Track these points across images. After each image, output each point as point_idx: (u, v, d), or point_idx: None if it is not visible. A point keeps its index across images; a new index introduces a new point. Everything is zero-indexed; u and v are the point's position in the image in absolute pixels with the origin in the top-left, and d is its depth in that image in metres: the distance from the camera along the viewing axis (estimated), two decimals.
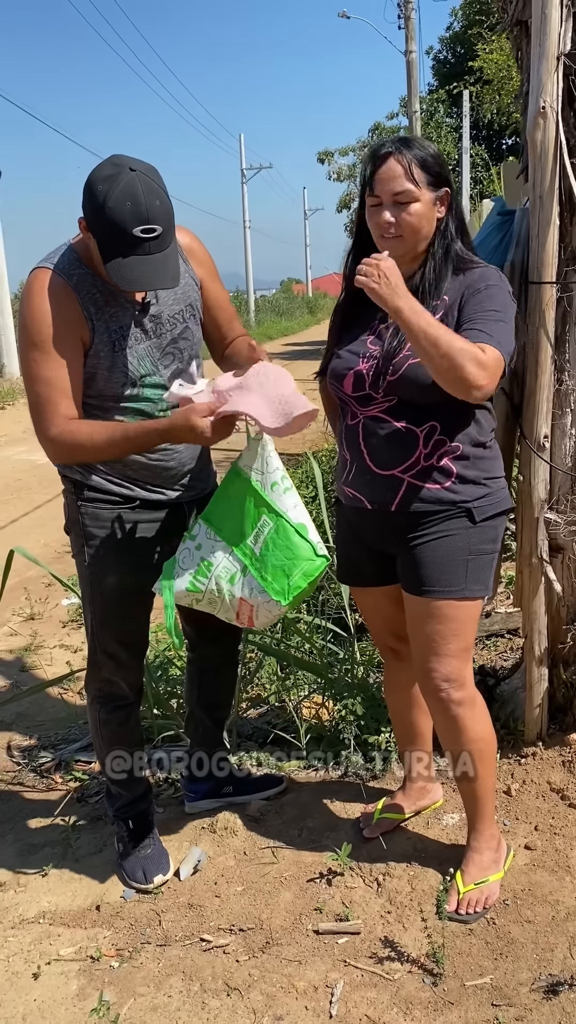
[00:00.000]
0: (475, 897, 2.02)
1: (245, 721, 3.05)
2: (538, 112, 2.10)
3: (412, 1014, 1.78)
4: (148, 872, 2.23)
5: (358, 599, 2.24)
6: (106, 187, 1.77)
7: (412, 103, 12.90)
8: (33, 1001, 1.90)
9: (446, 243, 1.88)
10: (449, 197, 1.86)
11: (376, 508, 1.95)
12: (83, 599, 2.21)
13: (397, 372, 1.85)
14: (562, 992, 1.79)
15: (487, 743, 2.03)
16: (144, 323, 1.99)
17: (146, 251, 1.80)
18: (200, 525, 1.99)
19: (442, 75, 23.09)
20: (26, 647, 4.07)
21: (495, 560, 1.99)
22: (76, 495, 2.10)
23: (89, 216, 1.82)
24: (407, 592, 1.99)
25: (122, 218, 1.77)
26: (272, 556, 1.91)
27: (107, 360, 1.95)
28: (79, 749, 3.01)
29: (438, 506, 1.89)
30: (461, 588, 1.91)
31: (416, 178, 1.81)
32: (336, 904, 2.08)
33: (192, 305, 2.08)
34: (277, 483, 1.93)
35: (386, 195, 1.82)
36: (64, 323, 1.89)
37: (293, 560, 1.89)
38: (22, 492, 7.47)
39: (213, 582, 1.94)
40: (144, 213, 1.78)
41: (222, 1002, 1.85)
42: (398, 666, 2.23)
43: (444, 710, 1.98)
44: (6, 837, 2.51)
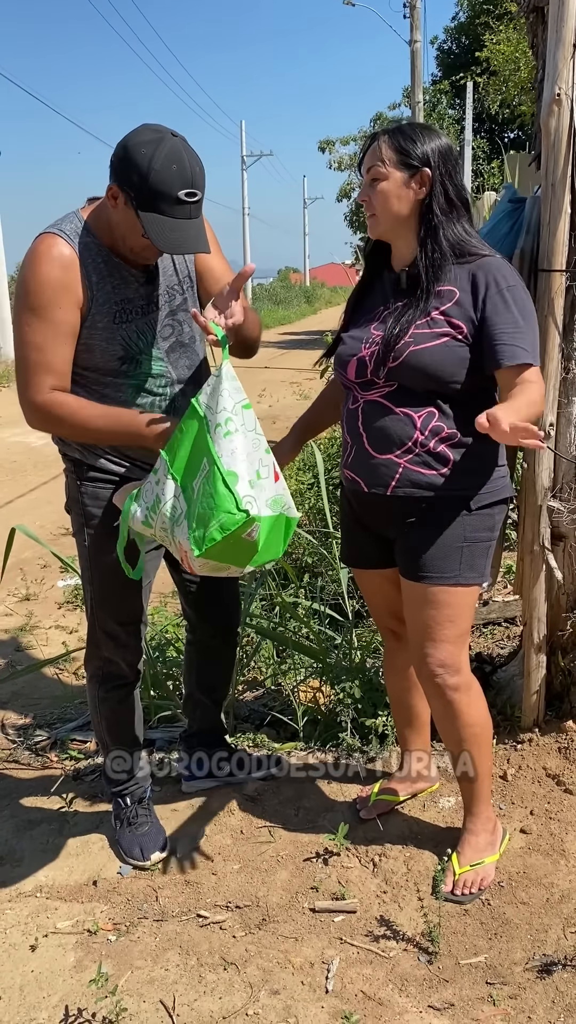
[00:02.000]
0: (470, 878, 2.05)
1: (242, 703, 3.06)
2: (553, 99, 2.10)
3: (407, 990, 1.80)
4: (145, 849, 2.24)
5: (359, 580, 2.25)
6: (150, 150, 1.75)
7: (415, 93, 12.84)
8: (31, 972, 1.91)
9: (431, 224, 1.86)
10: (429, 179, 1.84)
11: (373, 491, 1.96)
12: (82, 578, 2.21)
13: (398, 359, 1.86)
14: (555, 972, 1.81)
15: (482, 728, 2.05)
16: (146, 295, 1.99)
17: (187, 215, 1.79)
18: (162, 459, 1.86)
19: (446, 65, 22.99)
20: (22, 627, 4.07)
21: (491, 548, 2.00)
22: (77, 474, 2.10)
23: (131, 178, 1.77)
24: (403, 577, 2.00)
25: (169, 180, 1.76)
26: (199, 502, 1.75)
27: (106, 332, 1.94)
28: (75, 728, 3.02)
29: (433, 492, 1.90)
30: (455, 575, 1.93)
31: (384, 157, 1.85)
32: (332, 883, 2.10)
33: (189, 276, 2.08)
34: (220, 425, 1.76)
35: (364, 174, 1.90)
36: (64, 290, 1.87)
37: (213, 509, 1.71)
38: (17, 474, 7.46)
39: (162, 517, 1.83)
40: (188, 177, 1.78)
41: (219, 976, 1.87)
42: (398, 647, 2.24)
43: (439, 695, 2.00)
44: (2, 813, 2.52)
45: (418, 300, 1.86)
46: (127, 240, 1.88)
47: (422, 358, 1.83)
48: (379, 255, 2.01)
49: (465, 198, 1.91)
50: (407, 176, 1.85)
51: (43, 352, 1.88)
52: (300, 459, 5.74)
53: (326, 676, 2.86)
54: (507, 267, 1.87)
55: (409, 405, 1.88)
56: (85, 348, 1.94)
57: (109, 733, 2.30)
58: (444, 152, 1.87)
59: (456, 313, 1.83)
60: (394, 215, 1.88)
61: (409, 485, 1.91)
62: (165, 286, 2.02)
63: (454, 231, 1.87)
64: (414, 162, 1.84)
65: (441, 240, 1.86)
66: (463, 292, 1.84)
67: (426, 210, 1.87)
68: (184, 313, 2.05)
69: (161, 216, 1.77)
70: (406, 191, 1.85)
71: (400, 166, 1.84)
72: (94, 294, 1.90)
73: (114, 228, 1.89)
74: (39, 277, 1.86)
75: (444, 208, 1.86)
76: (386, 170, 1.85)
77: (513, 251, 2.29)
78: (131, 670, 2.27)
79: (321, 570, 3.85)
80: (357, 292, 2.06)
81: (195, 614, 2.39)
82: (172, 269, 2.03)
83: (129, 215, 1.81)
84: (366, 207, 1.91)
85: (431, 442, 1.88)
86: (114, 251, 1.92)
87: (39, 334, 1.87)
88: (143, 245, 1.86)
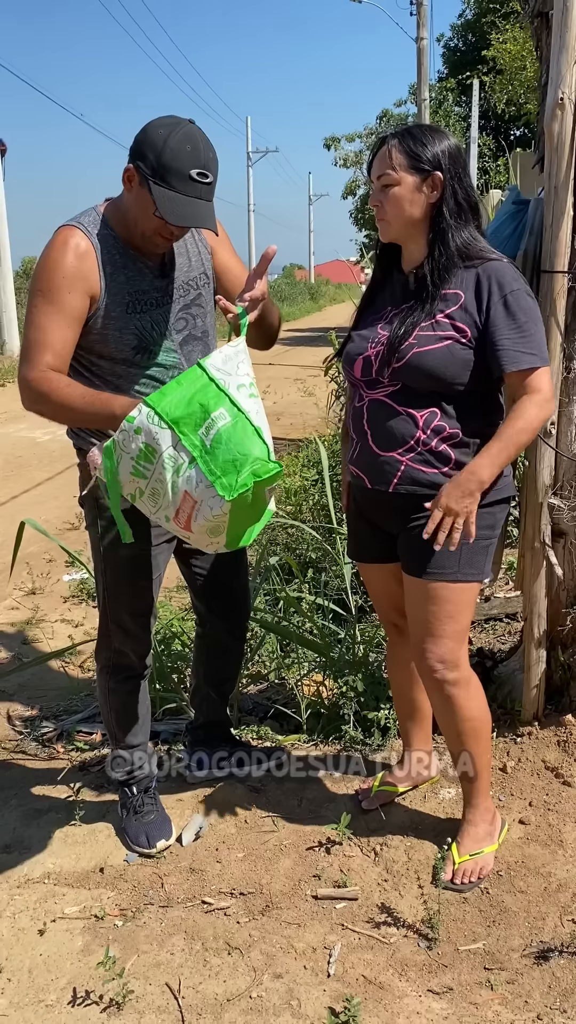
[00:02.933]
0: (470, 868, 2.09)
1: (246, 697, 3.10)
2: (556, 103, 2.13)
3: (407, 975, 1.84)
4: (151, 837, 2.29)
5: (364, 574, 2.29)
6: (167, 131, 1.83)
7: (421, 91, 12.86)
8: (39, 955, 1.96)
9: (440, 228, 1.89)
10: (440, 183, 1.87)
11: (376, 488, 2.00)
12: (95, 570, 2.25)
13: (402, 359, 1.89)
14: (552, 958, 1.85)
15: (481, 722, 2.08)
16: (160, 287, 2.03)
17: (197, 194, 1.85)
18: (142, 409, 1.80)
19: (452, 63, 22.95)
20: (28, 621, 4.12)
21: (492, 546, 2.02)
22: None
23: (146, 155, 1.84)
24: (405, 572, 2.04)
25: (181, 158, 1.82)
26: (224, 450, 1.76)
27: (119, 321, 1.99)
28: (81, 720, 3.06)
29: (434, 491, 1.92)
30: (454, 572, 1.96)
31: (395, 162, 1.87)
32: (334, 871, 2.14)
33: (206, 273, 2.12)
34: (244, 386, 1.81)
35: (374, 180, 1.92)
36: (76, 277, 1.92)
37: (246, 456, 1.74)
38: (22, 469, 7.50)
39: (159, 468, 1.80)
40: (201, 159, 1.84)
41: (223, 960, 1.91)
42: (401, 642, 2.28)
43: (438, 690, 2.04)
44: (10, 803, 2.56)
45: (423, 302, 1.90)
46: (140, 223, 1.93)
47: (424, 360, 1.87)
48: (390, 255, 2.04)
49: (474, 201, 1.93)
50: (419, 180, 1.87)
51: (46, 332, 1.94)
52: (304, 455, 5.78)
53: (329, 670, 2.90)
54: (511, 271, 1.89)
55: (412, 405, 1.92)
56: (100, 338, 1.99)
57: (118, 724, 2.34)
58: (453, 154, 1.89)
59: (460, 317, 1.87)
60: (406, 219, 1.91)
61: (411, 483, 1.94)
62: (181, 280, 2.07)
63: (462, 235, 1.90)
64: (425, 166, 1.86)
65: (449, 243, 1.89)
66: (468, 295, 1.88)
67: (436, 213, 1.89)
68: (198, 308, 2.10)
69: (172, 192, 1.83)
70: (418, 195, 1.88)
71: (411, 170, 1.87)
72: (108, 284, 1.96)
73: (128, 213, 1.94)
74: (52, 263, 1.93)
75: (453, 211, 1.89)
76: (398, 175, 1.87)
77: (517, 252, 2.32)
78: (140, 662, 2.31)
79: (325, 566, 3.89)
80: (369, 291, 2.10)
81: (204, 607, 2.43)
82: (188, 265, 2.08)
83: (142, 194, 1.87)
84: (378, 212, 1.93)
85: (433, 441, 1.91)
86: (130, 244, 1.98)
87: (44, 315, 1.93)
88: (155, 227, 1.91)
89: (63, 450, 8.12)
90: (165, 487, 1.80)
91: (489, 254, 1.91)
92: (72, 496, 6.03)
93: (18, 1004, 1.83)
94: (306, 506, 4.74)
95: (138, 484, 1.84)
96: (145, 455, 1.80)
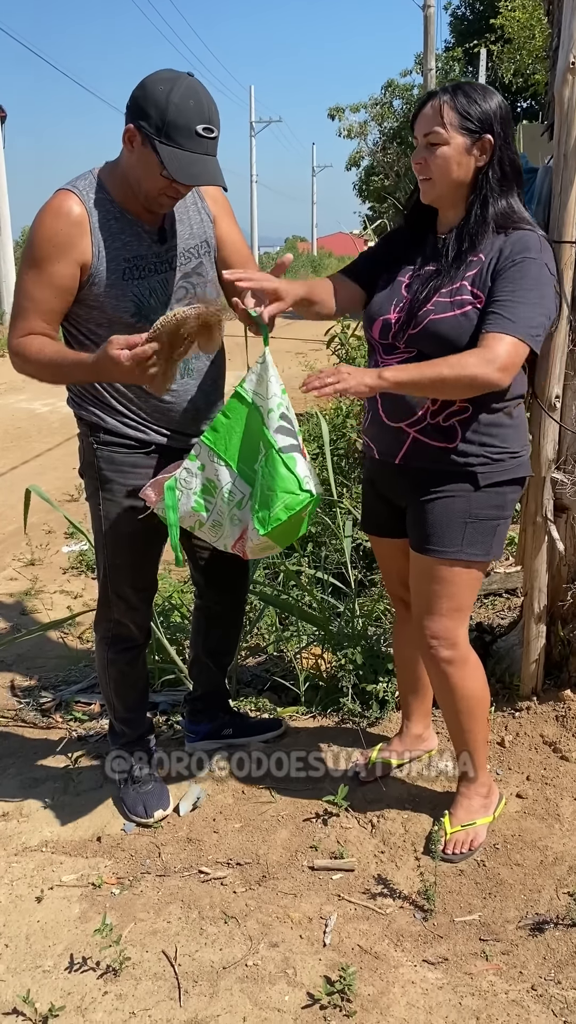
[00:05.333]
0: (462, 838, 2.09)
1: (244, 668, 3.10)
2: (567, 68, 2.08)
3: (403, 945, 1.85)
4: (149, 807, 2.29)
5: (375, 547, 2.28)
6: (168, 86, 1.78)
7: (428, 60, 12.61)
8: (37, 922, 1.97)
9: (483, 194, 1.82)
10: (491, 145, 1.79)
11: (384, 459, 1.98)
12: (95, 541, 2.24)
13: (419, 326, 1.85)
14: (547, 930, 1.86)
15: (477, 700, 2.08)
16: (159, 254, 2.00)
17: (204, 150, 1.81)
18: (202, 445, 1.94)
19: (459, 32, 22.59)
20: (27, 591, 4.11)
21: (499, 527, 1.97)
22: (92, 438, 2.12)
23: (148, 113, 1.79)
24: (411, 547, 2.03)
25: (188, 113, 1.78)
26: (261, 484, 1.88)
27: (116, 288, 1.96)
28: (80, 690, 3.07)
29: (440, 465, 1.90)
30: (456, 550, 1.93)
31: (446, 120, 1.78)
32: (331, 843, 2.15)
33: (207, 242, 2.08)
34: (272, 410, 1.88)
35: (419, 136, 1.84)
36: (65, 246, 1.90)
37: (275, 491, 1.84)
38: (21, 440, 7.47)
39: (219, 502, 1.93)
40: (206, 113, 1.80)
41: (219, 929, 1.92)
42: (408, 617, 2.26)
43: (434, 666, 2.04)
44: (8, 771, 2.57)
45: (448, 267, 1.85)
46: (143, 183, 1.88)
47: (439, 327, 1.83)
48: (423, 214, 1.96)
49: (518, 167, 1.86)
50: (469, 142, 1.79)
51: (32, 301, 1.94)
52: (305, 429, 5.75)
53: (328, 643, 2.90)
54: (536, 241, 1.82)
55: None
56: (96, 305, 1.97)
57: (117, 695, 2.34)
58: (504, 116, 1.81)
59: (478, 282, 1.82)
60: (452, 182, 1.83)
61: (417, 456, 1.92)
62: (182, 248, 2.03)
63: (502, 202, 1.83)
64: (476, 127, 1.78)
65: (488, 210, 1.83)
66: (487, 261, 1.82)
67: (481, 178, 1.82)
68: (199, 276, 2.06)
69: (180, 150, 1.79)
70: (467, 158, 1.81)
71: (462, 131, 1.78)
72: (101, 251, 1.93)
73: (129, 174, 1.90)
74: (43, 232, 1.91)
75: (498, 177, 1.82)
76: (447, 134, 1.79)
77: None
78: (140, 633, 2.30)
79: (324, 539, 3.88)
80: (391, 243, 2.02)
81: (204, 580, 2.42)
82: (190, 232, 2.05)
83: (146, 154, 1.83)
84: (420, 170, 1.85)
85: (441, 415, 1.88)
86: (127, 208, 1.94)
87: (33, 285, 1.93)
88: (160, 187, 1.87)
89: (63, 421, 8.09)
90: (225, 519, 1.93)
91: (523, 224, 1.84)
92: (72, 468, 6.00)
93: (15, 970, 1.85)
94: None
95: (198, 517, 1.96)
96: (206, 489, 1.93)
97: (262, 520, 1.84)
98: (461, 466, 1.90)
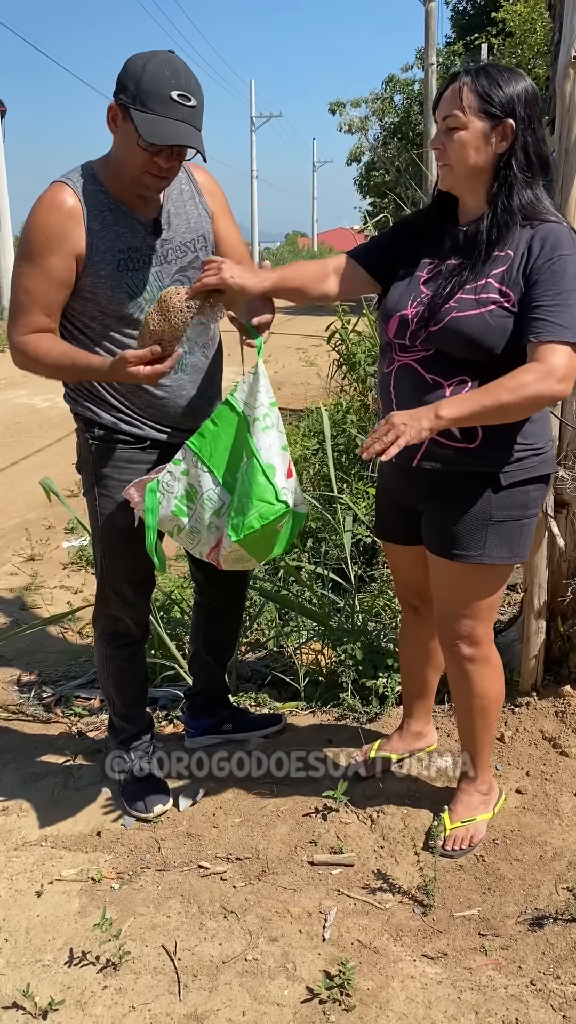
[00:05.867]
0: (461, 835, 2.10)
1: (244, 664, 3.10)
2: (569, 62, 2.08)
3: (402, 940, 1.86)
4: (149, 803, 2.29)
5: (388, 554, 2.25)
6: (145, 59, 1.80)
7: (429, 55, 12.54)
8: (36, 916, 1.97)
9: (508, 182, 1.72)
10: (513, 131, 1.70)
11: (400, 461, 1.87)
12: (92, 537, 2.24)
13: (440, 323, 1.76)
14: (547, 925, 1.87)
15: (491, 701, 2.06)
16: (153, 246, 1.99)
17: (179, 116, 1.80)
18: (187, 450, 1.95)
19: (461, 26, 22.51)
20: (27, 587, 4.11)
21: (524, 527, 1.89)
22: (88, 433, 2.12)
23: (126, 86, 1.81)
24: (429, 551, 1.98)
25: (161, 80, 1.78)
26: (239, 492, 1.88)
27: (111, 279, 1.95)
28: (79, 685, 3.07)
29: (459, 467, 1.83)
30: (478, 554, 1.87)
31: (465, 103, 1.71)
32: (331, 838, 2.15)
33: (204, 236, 2.08)
34: (259, 419, 1.88)
35: (439, 119, 1.76)
36: (60, 238, 1.90)
37: (251, 499, 1.83)
38: (21, 435, 7.47)
39: (199, 509, 1.94)
40: (182, 82, 1.80)
41: (219, 923, 1.92)
42: (416, 621, 2.26)
43: (455, 662, 2.03)
44: (8, 766, 2.57)
45: (474, 262, 1.76)
46: (127, 163, 1.88)
47: (462, 325, 1.74)
48: (444, 204, 1.89)
49: (545, 156, 1.76)
50: (488, 127, 1.71)
51: (31, 296, 1.94)
52: (306, 425, 5.75)
53: (328, 639, 2.90)
54: (568, 235, 1.72)
55: (442, 373, 1.80)
56: (91, 297, 1.96)
57: (116, 690, 2.34)
58: (529, 100, 1.72)
59: (506, 279, 1.73)
60: (470, 168, 1.74)
61: (434, 458, 1.84)
62: (178, 242, 2.02)
63: (528, 193, 1.73)
64: (497, 111, 1.69)
65: (514, 200, 1.73)
66: (518, 257, 1.72)
67: (503, 165, 1.73)
68: (195, 271, 2.05)
69: (153, 115, 1.79)
70: (486, 144, 1.72)
71: (482, 114, 1.70)
72: (95, 242, 1.93)
73: (116, 158, 1.91)
74: (37, 225, 1.91)
75: (522, 165, 1.72)
76: (466, 118, 1.71)
77: None
78: (138, 629, 2.30)
79: (325, 535, 3.88)
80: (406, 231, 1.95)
81: (203, 576, 2.41)
82: (187, 226, 2.04)
83: (126, 128, 1.83)
84: (439, 156, 1.78)
85: None
86: (121, 199, 1.94)
87: (29, 279, 1.93)
88: (141, 163, 1.85)
89: (62, 417, 8.08)
90: (203, 525, 1.94)
91: (549, 216, 1.74)
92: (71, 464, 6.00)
93: (15, 964, 1.85)
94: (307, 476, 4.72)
95: (177, 522, 1.97)
96: (188, 495, 1.94)
97: (235, 527, 1.84)
98: (481, 466, 1.82)
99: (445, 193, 1.85)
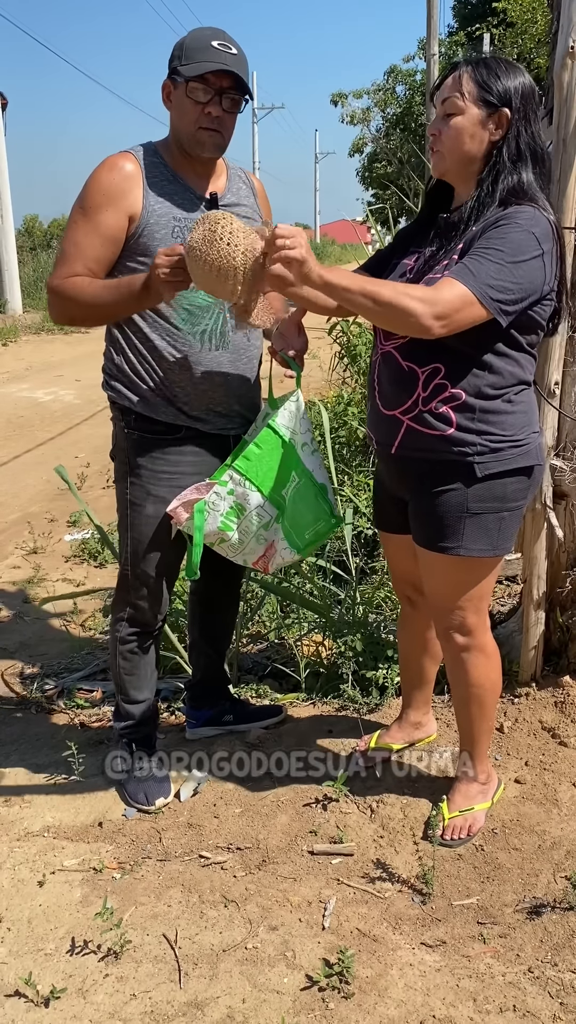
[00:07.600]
0: (459, 824, 2.11)
1: (245, 655, 3.11)
2: (567, 52, 2.08)
3: (401, 929, 1.87)
4: (150, 794, 2.31)
5: (384, 545, 2.27)
6: (189, 34, 1.95)
7: (431, 45, 12.48)
8: (39, 906, 1.99)
9: (496, 170, 1.74)
10: (507, 121, 1.72)
11: (383, 449, 1.92)
12: (119, 524, 2.25)
13: None
14: (545, 914, 1.88)
15: (486, 691, 2.07)
16: None
17: (221, 60, 1.90)
18: (232, 472, 2.06)
19: (463, 16, 22.42)
20: (29, 580, 4.13)
21: (504, 520, 1.87)
22: (123, 422, 2.14)
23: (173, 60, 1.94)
24: (414, 541, 1.99)
25: (201, 36, 1.93)
26: (295, 510, 2.11)
27: (164, 243, 1.98)
28: (82, 678, 3.08)
29: (435, 455, 1.83)
30: (456, 546, 1.87)
31: (464, 90, 1.73)
32: (331, 828, 2.16)
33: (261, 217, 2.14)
34: (307, 444, 2.10)
35: (438, 105, 1.78)
36: (117, 196, 1.96)
37: (310, 520, 2.14)
38: (24, 429, 7.47)
39: (246, 523, 2.09)
40: (222, 36, 1.93)
41: (219, 912, 1.94)
42: (413, 613, 2.27)
43: (451, 651, 2.04)
44: (11, 758, 2.59)
45: (447, 242, 1.78)
46: (182, 126, 1.96)
47: None
48: (441, 197, 1.90)
49: (538, 149, 1.76)
50: (484, 114, 1.73)
51: (79, 249, 1.98)
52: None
53: (328, 630, 2.91)
54: (531, 214, 1.71)
55: (416, 359, 1.80)
56: (143, 264, 1.99)
57: (126, 678, 2.35)
58: (527, 94, 1.74)
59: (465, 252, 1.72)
60: (463, 154, 1.76)
61: (412, 445, 1.84)
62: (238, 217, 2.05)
63: (514, 178, 1.74)
64: (494, 100, 1.72)
65: (498, 187, 1.74)
66: (476, 233, 1.73)
67: (496, 154, 1.75)
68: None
69: (196, 63, 1.90)
70: (480, 131, 1.74)
71: (479, 102, 1.72)
72: (152, 205, 1.98)
73: (172, 130, 2.00)
74: (96, 182, 1.97)
75: (513, 155, 1.74)
76: (463, 104, 1.73)
77: None
78: (156, 618, 2.31)
79: None
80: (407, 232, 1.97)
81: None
82: (241, 206, 2.10)
83: (179, 97, 1.94)
84: (434, 141, 1.79)
85: (432, 401, 1.79)
86: (180, 172, 2.01)
87: (80, 231, 1.98)
88: (194, 119, 1.93)
89: (65, 410, 8.09)
90: (250, 538, 2.12)
91: (530, 202, 1.73)
92: (75, 456, 6.02)
93: (17, 952, 1.87)
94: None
95: (222, 535, 2.11)
96: (235, 511, 2.09)
97: (296, 545, 2.15)
98: (458, 456, 1.81)
99: (439, 188, 1.87)
